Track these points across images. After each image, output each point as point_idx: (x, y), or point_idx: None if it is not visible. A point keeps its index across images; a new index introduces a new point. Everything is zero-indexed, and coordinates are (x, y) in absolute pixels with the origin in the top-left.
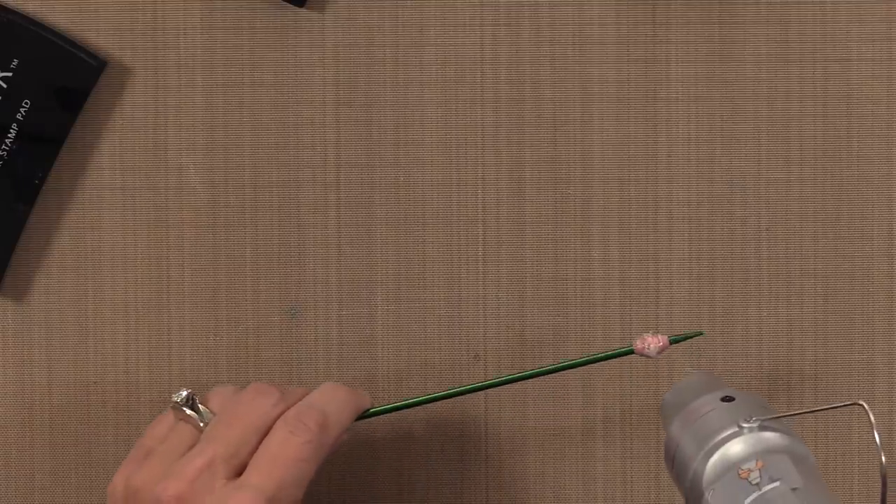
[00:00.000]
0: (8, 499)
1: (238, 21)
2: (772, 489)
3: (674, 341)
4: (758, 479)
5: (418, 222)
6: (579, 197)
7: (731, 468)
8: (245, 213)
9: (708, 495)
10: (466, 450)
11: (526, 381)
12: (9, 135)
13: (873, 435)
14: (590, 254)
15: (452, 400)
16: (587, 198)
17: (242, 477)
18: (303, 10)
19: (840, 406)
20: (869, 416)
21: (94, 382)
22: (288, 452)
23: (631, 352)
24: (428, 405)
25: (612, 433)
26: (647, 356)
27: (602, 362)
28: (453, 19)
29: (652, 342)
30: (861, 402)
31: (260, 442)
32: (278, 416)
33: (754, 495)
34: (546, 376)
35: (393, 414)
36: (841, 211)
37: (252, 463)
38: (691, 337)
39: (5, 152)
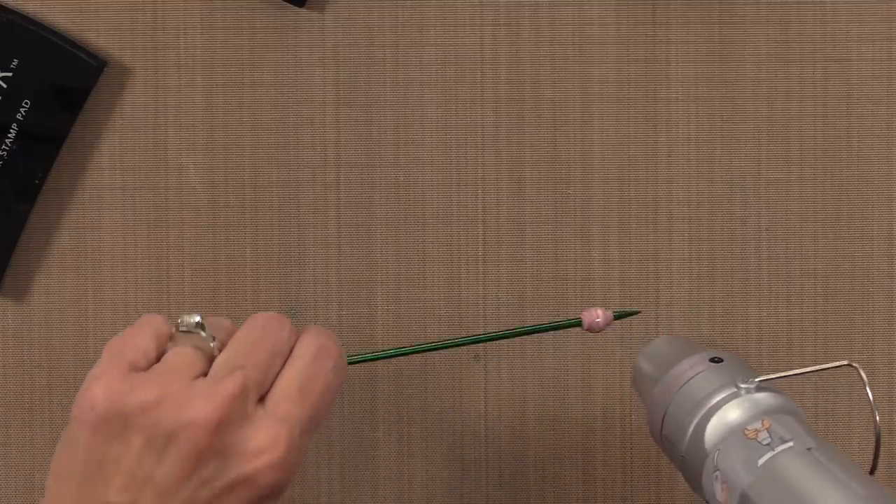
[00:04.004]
0: (8, 499)
1: (238, 21)
2: (786, 449)
3: (617, 317)
4: (768, 440)
5: (418, 222)
6: (579, 197)
7: (735, 429)
8: (245, 213)
9: (714, 456)
10: (466, 450)
11: (526, 380)
12: (9, 135)
13: (866, 394)
14: (590, 254)
15: (452, 400)
16: (587, 198)
17: (273, 406)
18: (303, 10)
19: (833, 366)
20: (861, 376)
21: None
22: (317, 381)
23: (579, 324)
24: (427, 406)
25: (612, 433)
26: (593, 330)
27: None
28: (453, 19)
29: (600, 315)
30: (853, 364)
31: (282, 367)
32: (294, 343)
33: (768, 455)
34: (545, 377)
35: (393, 414)
36: (841, 211)
37: (281, 392)
38: (630, 314)
39: (5, 152)
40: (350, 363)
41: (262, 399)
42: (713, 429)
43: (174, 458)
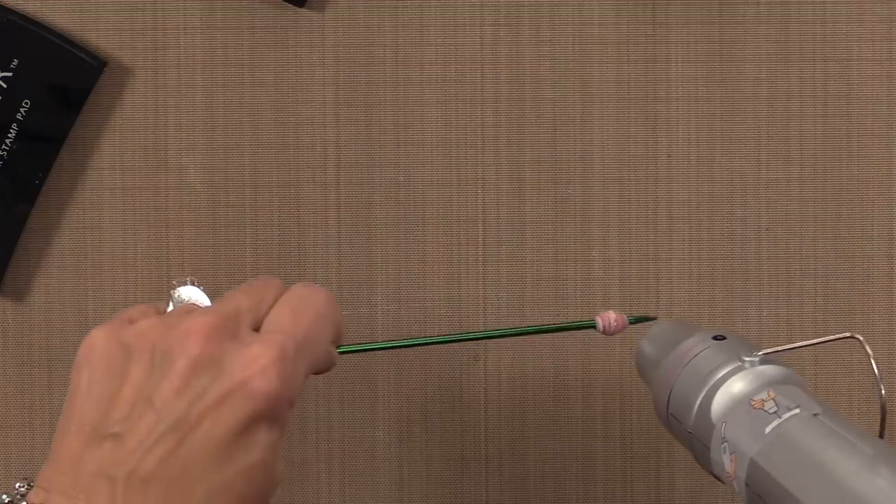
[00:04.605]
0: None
1: (238, 21)
2: (793, 416)
3: (633, 321)
4: (774, 409)
5: (418, 222)
6: (579, 197)
7: (741, 401)
8: (245, 213)
9: (721, 427)
10: (466, 450)
11: (526, 380)
12: (9, 135)
13: (871, 366)
14: (590, 254)
15: (452, 400)
16: (587, 198)
17: (265, 326)
18: (303, 10)
19: (836, 338)
20: (865, 348)
21: None
22: (307, 307)
23: (593, 326)
24: (427, 406)
25: (612, 433)
26: (608, 333)
27: (607, 358)
28: (453, 19)
29: (613, 319)
30: (856, 336)
31: (274, 303)
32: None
33: (775, 423)
34: (545, 377)
35: (393, 414)
36: (841, 211)
37: (273, 315)
38: (646, 320)
39: (5, 152)
40: (365, 349)
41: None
42: (719, 402)
43: (169, 373)
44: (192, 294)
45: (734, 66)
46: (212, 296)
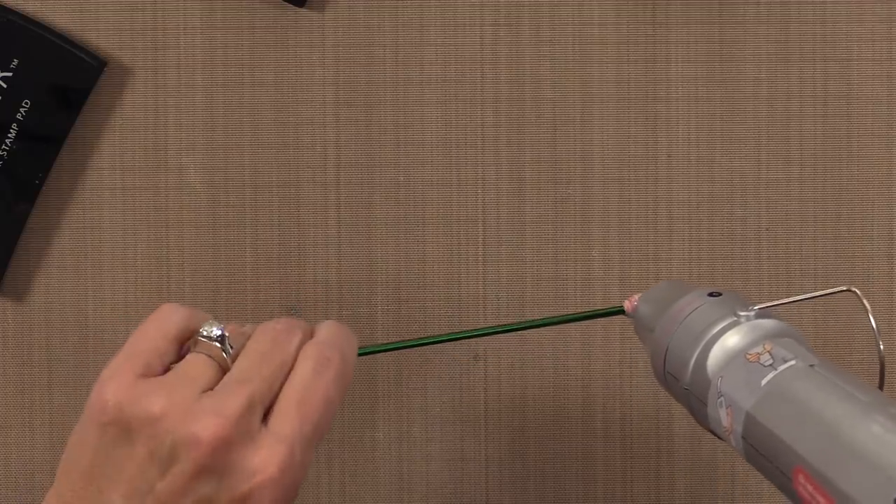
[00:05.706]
0: (8, 499)
1: (238, 21)
2: (788, 367)
3: None
4: (770, 361)
5: (418, 222)
6: (579, 197)
7: (737, 355)
8: (245, 213)
9: (717, 382)
10: (466, 450)
11: (526, 380)
12: (9, 135)
13: (869, 321)
14: (590, 254)
15: (452, 400)
16: (587, 198)
17: (273, 423)
18: (303, 10)
19: (832, 292)
20: (863, 302)
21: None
22: (316, 393)
23: (621, 311)
24: (427, 406)
25: (612, 433)
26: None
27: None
28: (453, 19)
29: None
30: (853, 289)
31: (286, 378)
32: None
33: (770, 375)
34: (545, 377)
35: (393, 414)
36: (841, 211)
37: (282, 408)
38: None
39: (5, 152)
40: (367, 353)
41: (266, 414)
42: (715, 357)
43: (174, 472)
44: (213, 351)
45: (734, 66)
46: (215, 299)
